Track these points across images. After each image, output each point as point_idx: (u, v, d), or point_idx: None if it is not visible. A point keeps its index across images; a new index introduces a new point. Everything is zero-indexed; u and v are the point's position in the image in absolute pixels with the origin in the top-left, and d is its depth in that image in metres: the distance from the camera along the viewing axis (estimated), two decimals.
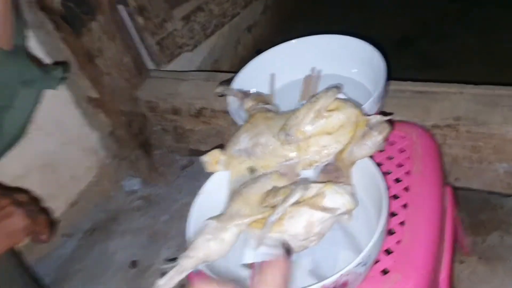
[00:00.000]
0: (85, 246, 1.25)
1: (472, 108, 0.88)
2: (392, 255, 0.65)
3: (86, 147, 1.25)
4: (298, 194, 0.57)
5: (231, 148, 0.71)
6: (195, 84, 1.17)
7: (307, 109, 0.66)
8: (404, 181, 0.74)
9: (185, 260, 0.58)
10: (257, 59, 0.89)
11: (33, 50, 1.05)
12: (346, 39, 0.85)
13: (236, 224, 0.60)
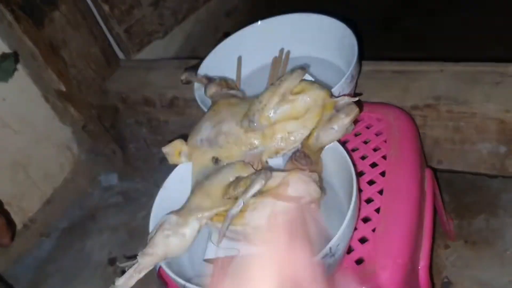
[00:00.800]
0: (63, 246, 1.20)
1: (452, 87, 0.84)
2: (367, 244, 0.62)
3: (59, 143, 1.20)
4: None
5: (193, 138, 0.67)
6: (165, 73, 1.12)
7: (271, 92, 0.62)
8: (380, 165, 0.70)
9: (144, 258, 0.54)
10: (224, 42, 0.85)
11: None
12: (316, 18, 0.81)
13: (197, 218, 0.56)
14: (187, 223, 0.56)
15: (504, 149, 0.84)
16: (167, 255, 0.55)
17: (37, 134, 1.14)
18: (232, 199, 0.57)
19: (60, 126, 1.19)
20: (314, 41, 0.81)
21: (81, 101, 1.11)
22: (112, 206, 1.26)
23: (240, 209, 0.53)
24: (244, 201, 0.53)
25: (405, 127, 0.75)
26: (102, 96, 1.13)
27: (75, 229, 1.24)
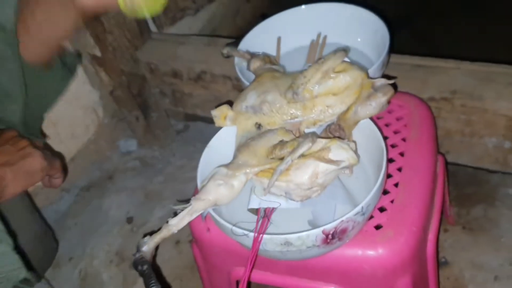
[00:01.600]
0: (81, 202, 1.27)
1: (468, 83, 0.91)
2: (385, 213, 0.69)
3: (86, 106, 1.26)
4: (307, 145, 0.60)
5: (238, 104, 0.73)
6: (195, 48, 1.18)
7: (315, 69, 0.69)
8: (400, 146, 0.77)
9: (197, 202, 0.61)
10: (264, 23, 0.91)
11: None
12: (353, 8, 0.88)
13: (245, 172, 0.63)
14: (235, 175, 0.63)
15: (509, 144, 0.92)
16: (217, 202, 0.62)
17: (68, 94, 1.17)
18: (276, 159, 0.64)
19: (89, 89, 1.25)
20: (350, 30, 0.88)
21: (113, 68, 1.17)
22: (130, 170, 1.33)
23: (287, 166, 0.60)
24: (292, 159, 0.60)
25: (424, 114, 0.82)
26: (133, 64, 1.19)
27: (94, 188, 1.30)
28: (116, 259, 1.13)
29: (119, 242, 1.15)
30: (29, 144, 0.70)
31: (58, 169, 0.74)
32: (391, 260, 0.66)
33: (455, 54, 1.49)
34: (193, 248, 0.81)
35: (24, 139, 0.71)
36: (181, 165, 1.31)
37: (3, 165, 0.65)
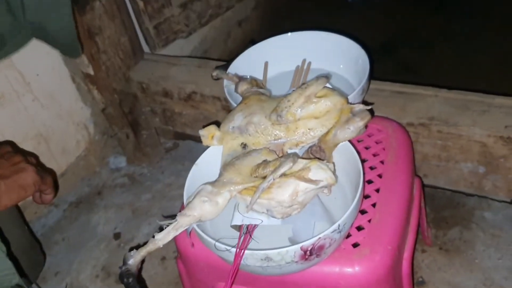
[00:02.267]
0: (70, 217, 1.28)
1: (444, 110, 0.96)
2: (363, 231, 0.72)
3: (78, 122, 1.28)
4: (288, 165, 0.64)
5: (226, 125, 0.77)
6: (187, 69, 1.22)
7: (298, 94, 0.73)
8: (378, 168, 0.81)
9: (182, 218, 0.64)
10: (252, 48, 0.96)
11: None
12: (337, 37, 0.93)
13: (229, 190, 0.66)
14: (220, 193, 0.66)
15: (483, 170, 0.96)
16: (201, 218, 0.65)
17: (60, 110, 1.23)
18: (259, 177, 0.68)
19: (82, 106, 1.29)
20: (333, 57, 0.93)
21: (105, 86, 1.20)
22: (119, 186, 1.36)
23: (269, 184, 0.64)
24: (274, 178, 0.63)
25: (402, 138, 0.86)
26: (125, 83, 1.23)
27: (83, 203, 1.32)
28: (102, 274, 1.15)
29: (105, 257, 1.17)
30: (23, 160, 0.73)
31: (49, 185, 0.77)
32: (367, 277, 0.69)
33: (437, 81, 1.55)
34: (178, 264, 0.84)
35: (18, 155, 0.74)
36: (169, 182, 1.34)
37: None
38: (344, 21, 2.08)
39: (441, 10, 2.01)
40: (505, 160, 0.92)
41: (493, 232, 1.05)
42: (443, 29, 1.91)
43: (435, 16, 1.99)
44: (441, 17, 1.97)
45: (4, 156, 0.73)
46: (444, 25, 1.92)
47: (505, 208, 1.08)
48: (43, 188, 0.76)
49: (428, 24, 1.96)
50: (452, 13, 1.98)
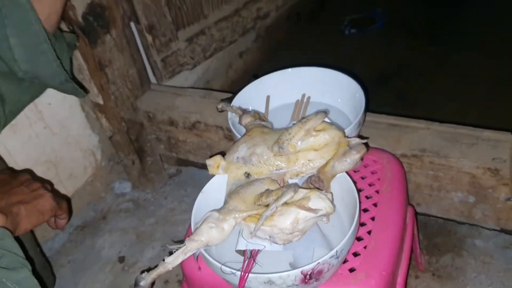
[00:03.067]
0: (75, 241, 1.32)
1: (436, 143, 1.01)
2: (359, 257, 0.77)
3: (85, 148, 1.34)
4: (289, 194, 0.69)
5: (230, 155, 0.82)
6: (192, 100, 1.28)
7: (298, 127, 0.79)
8: (373, 198, 0.86)
9: (191, 243, 0.68)
10: (255, 82, 1.02)
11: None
12: (335, 73, 0.99)
13: (234, 217, 0.71)
14: (226, 219, 0.71)
15: (472, 199, 1.01)
16: (209, 243, 0.70)
17: (69, 137, 1.28)
18: (263, 205, 0.73)
19: (90, 133, 1.34)
20: (331, 91, 0.99)
21: (114, 115, 1.26)
22: (123, 211, 1.40)
23: (272, 212, 0.69)
24: (276, 206, 0.68)
25: (396, 169, 0.92)
26: (133, 112, 1.28)
27: (88, 227, 1.36)
28: None
29: (110, 280, 1.21)
30: (41, 186, 0.78)
31: (64, 210, 0.82)
32: None
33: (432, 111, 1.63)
34: (183, 287, 0.88)
35: (36, 182, 0.79)
36: (172, 207, 1.38)
37: (19, 203, 0.73)
38: (342, 52, 2.17)
39: (435, 42, 2.10)
40: (493, 191, 0.97)
41: (483, 259, 1.09)
42: (437, 60, 1.99)
43: (429, 48, 2.07)
44: (435, 49, 2.06)
45: (24, 183, 0.78)
46: (438, 56, 2.00)
47: (495, 236, 1.13)
48: (58, 213, 0.81)
49: (423, 55, 2.04)
50: (445, 44, 2.06)
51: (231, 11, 1.39)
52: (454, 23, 2.22)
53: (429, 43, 2.10)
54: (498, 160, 0.95)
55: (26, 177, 0.80)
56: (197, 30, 1.34)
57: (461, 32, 2.12)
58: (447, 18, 2.26)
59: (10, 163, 1.13)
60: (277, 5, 1.52)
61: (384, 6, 2.38)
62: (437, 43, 2.08)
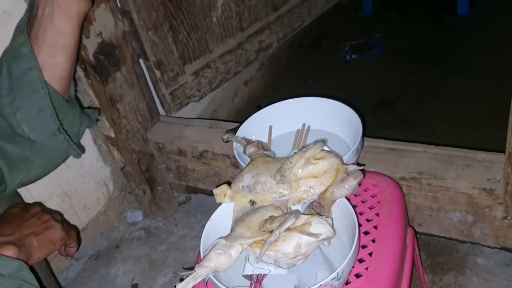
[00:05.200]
0: (90, 270, 1.37)
1: (433, 165, 1.05)
2: (361, 278, 0.81)
3: (98, 180, 1.40)
4: (291, 221, 0.74)
5: (236, 184, 0.87)
6: (199, 130, 1.34)
7: (299, 156, 0.84)
8: (374, 220, 0.90)
9: (200, 269, 0.73)
10: (258, 113, 1.07)
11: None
12: (332, 103, 1.04)
13: (240, 243, 0.76)
14: (233, 246, 0.76)
15: (471, 218, 1.05)
16: (217, 269, 0.74)
17: (83, 170, 1.34)
18: (267, 231, 0.77)
19: (102, 165, 1.40)
20: (329, 119, 1.05)
21: (125, 147, 1.32)
22: (136, 239, 1.45)
23: (275, 238, 0.74)
24: (279, 232, 0.73)
25: (395, 192, 0.95)
26: (143, 144, 1.35)
27: (102, 256, 1.41)
28: None
29: None
30: (51, 218, 0.85)
31: (74, 239, 0.88)
32: None
33: (431, 133, 1.67)
34: None
35: (46, 214, 0.86)
36: (183, 234, 1.43)
37: (31, 234, 0.80)
38: (343, 77, 2.23)
39: (433, 66, 2.16)
40: (489, 210, 1.01)
41: (485, 276, 1.12)
42: (436, 83, 2.04)
43: (427, 71, 2.13)
44: (434, 73, 2.11)
45: (35, 216, 0.85)
46: (437, 80, 2.05)
47: (496, 254, 1.16)
48: (68, 242, 0.87)
49: (422, 79, 2.10)
50: (443, 68, 2.12)
51: (235, 45, 1.46)
52: (451, 47, 2.28)
53: (427, 67, 2.15)
54: (493, 181, 0.99)
55: (37, 210, 0.86)
56: (203, 64, 1.40)
57: (458, 56, 2.18)
58: (444, 43, 2.32)
59: (26, 196, 1.18)
60: (278, 37, 1.59)
61: (382, 32, 2.45)
62: (435, 67, 2.14)
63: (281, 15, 1.58)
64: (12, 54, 0.86)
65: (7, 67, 0.86)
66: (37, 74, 0.84)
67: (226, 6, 1.40)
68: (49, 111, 0.87)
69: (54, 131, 0.89)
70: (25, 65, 0.84)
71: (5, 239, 0.77)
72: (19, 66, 0.85)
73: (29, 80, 0.85)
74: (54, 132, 0.89)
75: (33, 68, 0.84)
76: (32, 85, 0.85)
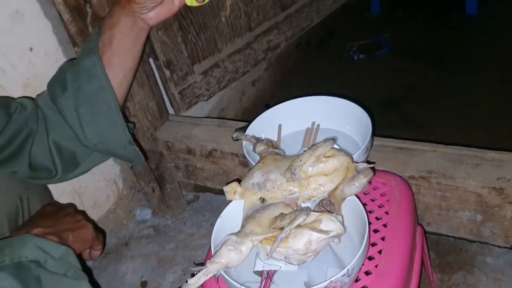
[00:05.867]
0: (99, 267, 1.38)
1: (442, 164, 1.05)
2: (370, 276, 0.81)
3: (108, 178, 1.40)
4: (302, 217, 0.74)
5: (246, 182, 0.88)
6: (208, 129, 1.35)
7: (309, 154, 0.85)
8: (383, 218, 0.91)
9: (211, 265, 0.74)
10: (267, 112, 1.08)
11: None
12: (342, 101, 1.05)
13: (251, 240, 0.76)
14: (244, 242, 0.76)
15: (480, 218, 1.05)
16: (228, 265, 0.75)
17: (93, 168, 1.35)
18: (277, 228, 0.78)
19: (112, 163, 1.41)
20: (338, 118, 1.05)
21: None
22: (145, 237, 1.46)
23: (286, 235, 0.74)
24: (290, 229, 0.74)
25: (404, 191, 0.96)
26: (153, 142, 1.35)
27: (111, 254, 1.42)
28: None
29: None
30: (83, 218, 0.89)
31: (101, 241, 0.91)
32: None
33: (438, 133, 1.67)
34: None
35: (79, 214, 0.91)
36: (192, 233, 1.44)
37: (67, 230, 0.84)
38: (350, 77, 2.23)
39: (440, 66, 2.16)
40: (499, 209, 1.01)
41: (495, 276, 1.12)
42: (443, 83, 2.04)
43: (435, 71, 2.13)
44: (441, 72, 2.11)
45: (69, 215, 0.90)
46: (444, 80, 2.06)
47: (505, 254, 1.16)
48: (95, 244, 0.89)
49: (429, 79, 2.10)
50: (450, 68, 2.12)
51: (243, 45, 1.46)
52: (458, 46, 2.28)
53: (434, 67, 2.16)
54: (503, 180, 0.99)
55: (70, 210, 0.92)
56: (212, 63, 1.41)
57: (465, 56, 2.18)
58: (452, 42, 2.32)
59: None
60: (286, 36, 1.59)
61: (390, 32, 2.45)
62: (442, 67, 2.14)
63: (289, 15, 1.58)
64: (82, 73, 0.92)
65: (74, 82, 0.92)
66: (110, 93, 0.92)
67: (235, 6, 1.41)
68: (122, 126, 0.95)
69: (126, 143, 0.97)
70: (98, 84, 0.91)
71: (46, 230, 0.82)
72: (91, 85, 0.91)
73: (102, 99, 0.92)
74: (125, 145, 0.97)
75: (106, 88, 0.91)
76: (105, 103, 0.92)
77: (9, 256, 0.73)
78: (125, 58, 0.94)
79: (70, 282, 0.76)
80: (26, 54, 1.13)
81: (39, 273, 0.74)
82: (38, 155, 0.95)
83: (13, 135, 0.91)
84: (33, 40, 1.14)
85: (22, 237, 0.77)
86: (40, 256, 0.75)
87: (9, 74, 1.10)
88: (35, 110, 0.95)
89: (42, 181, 0.99)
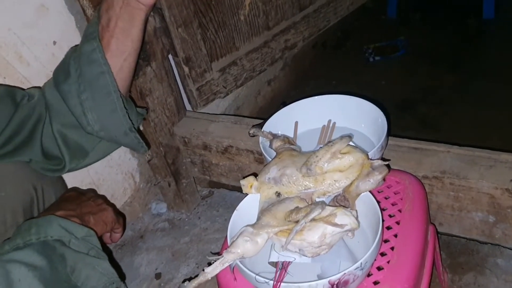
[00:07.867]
0: (115, 259, 1.41)
1: (456, 165, 1.06)
2: (382, 271, 0.83)
3: (126, 171, 1.44)
4: (317, 211, 0.76)
5: (262, 176, 0.90)
6: (224, 126, 1.37)
7: (325, 150, 0.87)
8: (396, 216, 0.92)
9: (228, 254, 0.76)
10: (284, 109, 1.10)
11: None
12: (358, 100, 1.07)
13: (267, 231, 0.79)
14: (259, 234, 0.78)
15: (492, 219, 1.06)
16: (244, 255, 0.77)
17: (111, 162, 1.39)
18: (293, 221, 0.80)
19: (130, 157, 1.44)
20: (354, 117, 1.07)
21: (153, 140, 1.36)
22: (160, 230, 1.48)
23: (301, 227, 0.76)
24: (305, 222, 0.76)
25: (417, 190, 0.97)
26: (170, 137, 1.38)
27: (126, 246, 1.45)
28: None
29: None
30: (104, 202, 0.92)
31: (121, 224, 0.94)
32: None
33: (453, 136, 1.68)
34: None
35: (100, 198, 0.94)
36: (206, 227, 1.46)
37: (88, 213, 0.87)
38: (366, 79, 2.24)
39: (456, 69, 2.16)
40: None
41: (505, 277, 1.13)
42: (459, 87, 2.04)
43: (451, 74, 2.13)
44: (457, 76, 2.11)
45: (91, 199, 0.93)
46: (460, 83, 2.06)
47: None
48: (116, 227, 0.92)
49: (445, 81, 2.10)
50: (466, 71, 2.12)
51: (261, 43, 1.49)
52: (475, 50, 2.28)
53: (450, 70, 2.16)
54: None
55: (91, 194, 0.95)
56: (230, 61, 1.43)
57: (481, 60, 2.17)
58: (468, 46, 2.32)
59: None
60: (303, 36, 1.61)
61: (406, 35, 2.45)
62: (458, 71, 2.14)
63: (307, 15, 1.60)
64: (83, 58, 0.92)
65: (76, 69, 0.93)
66: (110, 78, 0.92)
67: (253, 5, 1.43)
68: (122, 112, 0.94)
69: (126, 130, 0.97)
70: (98, 69, 0.91)
71: (69, 213, 0.86)
72: (91, 70, 0.92)
73: (102, 84, 0.92)
74: (126, 131, 0.97)
75: (105, 72, 0.91)
76: (104, 88, 0.92)
77: (36, 235, 0.77)
78: (123, 41, 0.93)
79: (92, 260, 0.80)
80: (50, 47, 1.16)
81: (63, 252, 0.78)
82: (46, 143, 0.96)
83: (21, 122, 0.92)
84: (57, 34, 1.17)
85: (48, 218, 0.81)
86: (64, 236, 0.79)
87: (33, 66, 1.13)
88: (43, 98, 0.96)
89: (55, 173, 1.00)
